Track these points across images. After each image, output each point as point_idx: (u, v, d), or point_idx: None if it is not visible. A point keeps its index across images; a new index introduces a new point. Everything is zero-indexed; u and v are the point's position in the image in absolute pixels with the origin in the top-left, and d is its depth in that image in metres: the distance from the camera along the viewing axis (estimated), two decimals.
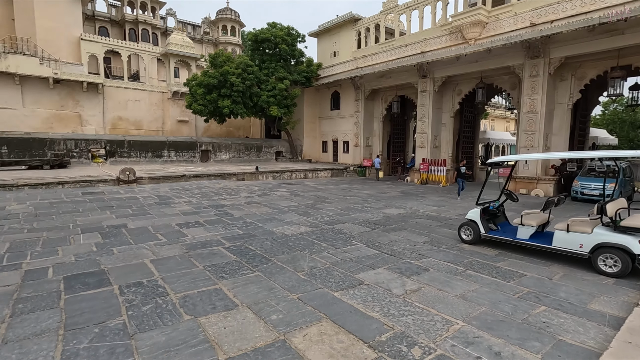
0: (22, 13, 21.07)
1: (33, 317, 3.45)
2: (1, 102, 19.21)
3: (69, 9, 22.31)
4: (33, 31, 20.86)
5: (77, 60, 22.33)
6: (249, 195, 11.77)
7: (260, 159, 23.91)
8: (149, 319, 3.42)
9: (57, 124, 20.77)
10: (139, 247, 5.82)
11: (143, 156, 19.43)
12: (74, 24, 22.68)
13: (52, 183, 12.02)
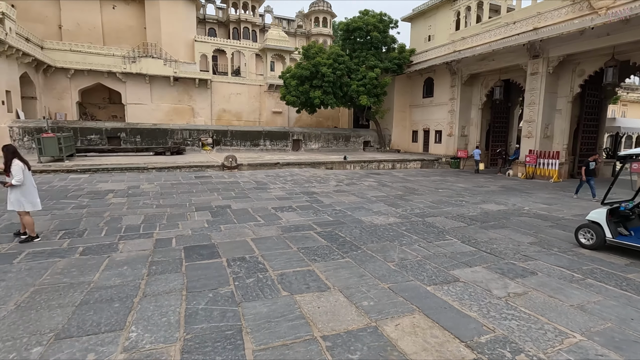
0: (152, 22, 24.74)
1: (163, 278, 4.12)
2: (136, 98, 23.03)
3: (186, 15, 25.42)
4: (159, 37, 24.36)
5: (191, 59, 25.41)
6: (338, 183, 12.02)
7: (348, 149, 24.15)
8: (252, 291, 3.79)
9: (175, 116, 24.08)
10: (241, 226, 6.45)
11: (242, 145, 21.33)
12: (190, 28, 25.78)
13: (172, 167, 14.04)
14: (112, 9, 24.93)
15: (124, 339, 2.90)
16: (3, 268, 4.34)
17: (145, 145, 18.69)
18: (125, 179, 11.80)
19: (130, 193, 9.36)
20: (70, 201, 8.26)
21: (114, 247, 5.18)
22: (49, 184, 10.49)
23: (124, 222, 6.54)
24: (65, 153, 14.11)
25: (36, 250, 4.97)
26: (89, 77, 22.02)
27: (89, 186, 10.26)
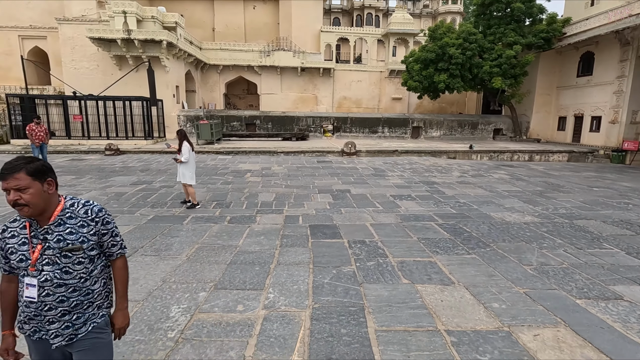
0: (284, 18, 26.91)
1: (293, 251, 4.58)
2: (268, 88, 25.65)
3: (314, 8, 26.75)
4: (290, 31, 26.36)
5: (316, 50, 26.78)
6: (462, 174, 11.14)
7: (475, 137, 22.00)
8: (372, 274, 3.89)
9: (301, 104, 25.93)
10: (360, 210, 6.63)
11: (361, 132, 21.64)
12: (316, 19, 27.07)
13: (297, 152, 15.26)
14: (252, 9, 28.06)
15: (264, 298, 3.36)
16: (177, 227, 5.50)
17: (275, 131, 20.75)
18: (259, 161, 13.38)
19: (263, 173, 10.59)
20: (219, 177, 9.84)
21: (252, 219, 5.98)
22: (203, 162, 12.68)
23: (259, 198, 7.47)
24: (215, 137, 16.80)
25: (198, 216, 6.13)
26: (233, 71, 25.48)
27: (232, 166, 12.02)
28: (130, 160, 13.10)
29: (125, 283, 1.74)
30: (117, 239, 1.69)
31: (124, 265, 1.73)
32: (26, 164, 1.45)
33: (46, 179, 1.48)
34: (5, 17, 20.68)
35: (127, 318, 1.74)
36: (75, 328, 1.56)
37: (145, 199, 7.26)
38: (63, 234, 1.52)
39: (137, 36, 17.28)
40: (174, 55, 19.52)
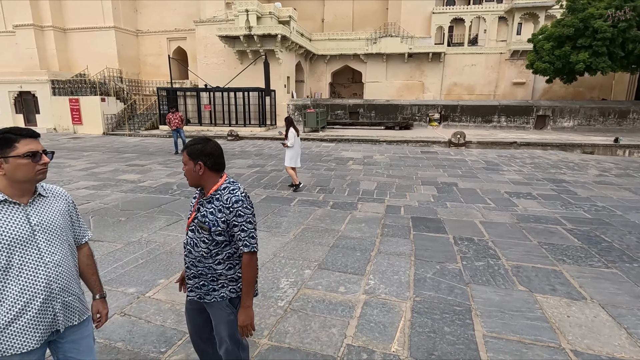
0: (393, 3, 26.05)
1: (394, 241, 4.53)
2: (373, 77, 25.40)
3: None
4: (399, 15, 25.45)
5: (426, 33, 25.29)
6: (601, 173, 9.31)
7: (623, 128, 18.05)
8: (481, 275, 3.60)
9: (405, 92, 25.01)
10: (468, 206, 6.14)
11: (472, 121, 19.83)
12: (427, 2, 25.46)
13: (400, 141, 14.85)
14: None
15: (364, 284, 3.43)
16: (286, 208, 5.97)
17: (378, 120, 20.55)
18: (361, 149, 13.47)
19: (365, 162, 10.65)
20: (322, 164, 10.27)
21: (354, 206, 6.10)
22: (309, 149, 13.37)
23: (361, 186, 7.56)
24: (319, 125, 17.51)
25: (303, 199, 6.53)
26: (339, 61, 25.97)
27: (335, 153, 12.38)
28: (247, 145, 14.63)
29: (248, 281, 1.70)
30: (243, 235, 1.66)
31: (247, 263, 1.69)
32: (191, 145, 1.71)
33: (197, 162, 1.69)
34: (158, 24, 24.96)
35: (249, 317, 1.71)
36: (202, 292, 1.78)
37: (259, 181, 8.06)
38: (207, 211, 1.71)
39: (256, 32, 18.95)
40: (287, 47, 20.82)
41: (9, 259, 1.33)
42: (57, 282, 1.43)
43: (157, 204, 6.13)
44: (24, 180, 1.38)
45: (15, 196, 1.38)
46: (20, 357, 1.38)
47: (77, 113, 19.39)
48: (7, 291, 1.34)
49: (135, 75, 24.70)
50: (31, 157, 1.36)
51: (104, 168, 9.47)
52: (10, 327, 1.35)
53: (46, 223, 1.44)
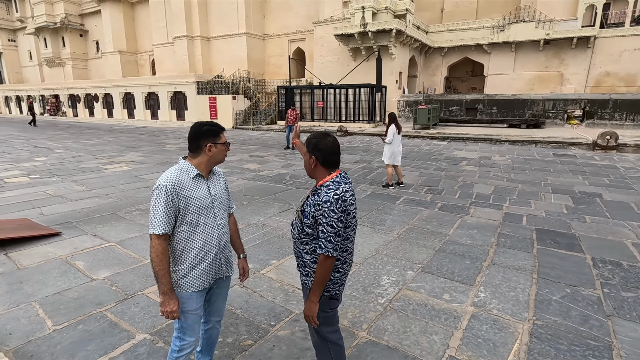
0: None
1: (511, 253, 4.04)
2: (497, 69, 22.79)
3: None
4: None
5: (571, 15, 21.40)
6: None
7: None
8: (630, 309, 2.93)
9: (537, 85, 21.72)
10: (616, 223, 5.05)
11: (630, 119, 16.07)
12: None
13: (526, 141, 13.04)
14: None
15: (473, 295, 3.16)
16: (390, 205, 5.90)
17: (500, 117, 18.42)
18: (478, 149, 12.31)
19: (481, 163, 9.70)
20: (432, 163, 9.75)
21: (465, 210, 5.64)
22: (418, 147, 12.85)
23: (474, 190, 6.93)
24: (431, 122, 16.64)
25: (409, 198, 6.34)
26: (457, 53, 24.08)
27: (447, 152, 11.61)
28: (355, 140, 14.88)
29: (318, 280, 1.70)
30: (322, 236, 1.66)
31: (320, 264, 1.68)
32: (311, 138, 1.79)
33: (311, 155, 1.76)
34: (281, 27, 27.20)
35: (310, 311, 1.73)
36: (302, 273, 1.86)
37: (365, 177, 8.13)
38: (309, 202, 1.76)
39: (370, 28, 18.98)
40: (401, 42, 20.29)
41: (197, 218, 1.76)
42: (223, 240, 1.89)
43: (272, 192, 6.77)
44: (218, 162, 1.85)
45: (203, 173, 1.81)
46: (196, 294, 1.81)
47: (214, 109, 22.67)
48: (194, 243, 1.77)
49: (260, 75, 27.49)
50: (226, 145, 1.87)
51: (232, 157, 10.87)
52: (193, 270, 1.78)
53: (218, 194, 1.88)
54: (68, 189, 6.97)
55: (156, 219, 1.66)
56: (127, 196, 6.45)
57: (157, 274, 1.67)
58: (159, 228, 1.66)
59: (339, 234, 1.67)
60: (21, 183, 7.45)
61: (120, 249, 4.16)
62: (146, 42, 35.50)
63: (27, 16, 43.76)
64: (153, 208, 1.68)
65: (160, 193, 1.66)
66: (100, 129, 21.72)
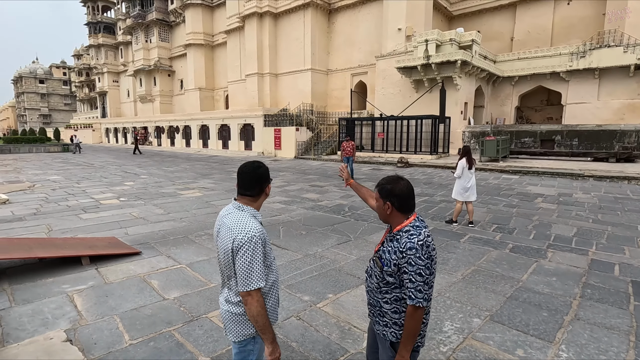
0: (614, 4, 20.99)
1: (601, 308, 3.52)
2: (577, 97, 20.91)
3: None
4: (622, 19, 20.28)
5: None
6: None
7: None
8: None
9: (628, 114, 19.40)
10: None
11: None
12: None
13: (617, 177, 11.56)
14: (566, 5, 23.76)
15: (553, 354, 2.79)
16: (454, 243, 5.56)
17: (582, 149, 16.68)
18: (556, 184, 11.20)
19: (560, 200, 8.78)
20: (502, 199, 9.07)
21: (541, 253, 5.10)
22: (485, 180, 12.09)
23: (553, 230, 6.26)
24: (500, 154, 15.63)
25: (475, 237, 5.93)
26: (530, 82, 22.69)
27: (519, 187, 10.74)
28: (417, 172, 14.51)
29: (409, 333, 1.63)
30: (410, 286, 1.59)
31: (410, 315, 1.61)
32: (383, 184, 1.77)
33: (386, 201, 1.73)
34: (344, 62, 28.29)
35: None
36: (374, 319, 1.80)
37: (427, 210, 7.83)
38: (386, 248, 1.71)
39: (434, 60, 18.87)
40: (467, 72, 19.80)
41: (271, 259, 1.77)
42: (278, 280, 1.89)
43: (330, 223, 6.82)
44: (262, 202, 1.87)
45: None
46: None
47: (278, 140, 23.93)
48: (269, 278, 1.77)
49: (323, 107, 28.58)
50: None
51: (293, 187, 11.26)
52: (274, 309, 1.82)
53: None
54: (149, 211, 7.77)
55: (256, 273, 1.61)
56: (198, 221, 6.99)
57: (262, 326, 1.65)
58: (261, 281, 1.62)
59: (427, 282, 1.59)
60: (113, 205, 8.49)
61: (190, 271, 4.47)
62: (222, 79, 39.31)
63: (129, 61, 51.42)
64: (250, 262, 1.60)
65: (256, 245, 1.62)
66: (179, 157, 24.12)
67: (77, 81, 68.53)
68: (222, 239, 1.67)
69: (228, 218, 1.71)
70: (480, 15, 27.02)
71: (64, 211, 7.78)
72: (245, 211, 1.72)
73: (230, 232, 1.64)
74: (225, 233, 1.66)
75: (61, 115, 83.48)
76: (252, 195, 1.76)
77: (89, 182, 12.37)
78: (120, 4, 51.63)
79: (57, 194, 9.95)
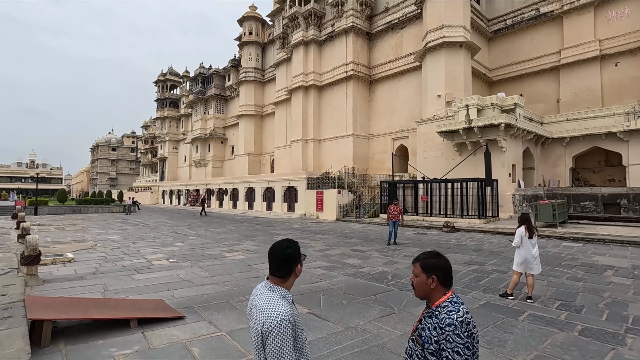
0: None
1: None
2: None
3: None
4: None
5: None
6: None
7: None
8: None
9: None
10: None
11: None
12: None
13: None
14: (614, 66, 23.33)
15: None
16: (512, 322, 5.04)
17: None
18: (628, 254, 10.01)
19: (636, 274, 7.77)
20: (564, 270, 8.23)
21: (619, 339, 4.44)
22: (543, 248, 11.12)
23: (630, 310, 5.48)
24: (558, 219, 14.50)
25: (536, 314, 5.34)
26: (583, 142, 21.65)
27: (583, 257, 9.72)
28: (464, 238, 13.77)
29: None
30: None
31: None
32: (425, 258, 1.77)
33: (430, 275, 1.72)
34: (385, 127, 29.22)
35: None
36: None
37: (477, 281, 7.28)
38: (426, 325, 1.70)
39: (476, 124, 18.90)
40: (512, 135, 19.47)
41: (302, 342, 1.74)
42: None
43: (373, 292, 6.54)
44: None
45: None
46: None
47: (320, 203, 24.30)
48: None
49: (364, 170, 29.05)
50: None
51: (334, 251, 11.13)
52: None
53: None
54: (195, 274, 8.02)
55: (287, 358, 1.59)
56: (240, 285, 7.05)
57: None
58: None
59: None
60: (163, 266, 8.90)
61: (229, 339, 4.43)
62: (269, 145, 42.01)
63: (188, 130, 57.14)
64: (280, 348, 1.59)
65: (286, 330, 1.61)
66: (225, 218, 25.16)
67: (143, 148, 76.86)
68: (254, 320, 1.70)
69: (259, 298, 1.74)
70: (521, 80, 27.24)
71: (119, 271, 8.27)
72: (275, 292, 1.74)
73: (261, 314, 1.66)
74: (257, 315, 1.68)
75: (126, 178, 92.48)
76: (281, 277, 1.78)
77: (143, 242, 13.18)
78: (185, 83, 59.14)
79: (114, 253, 10.68)
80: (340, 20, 30.25)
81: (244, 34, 43.19)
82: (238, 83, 44.71)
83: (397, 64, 28.43)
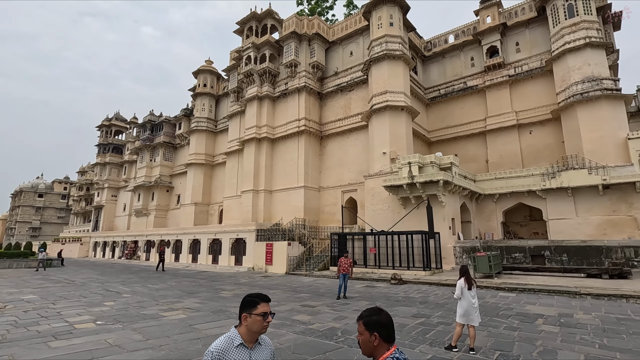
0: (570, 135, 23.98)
1: None
2: (557, 213, 21.98)
3: (612, 115, 22.52)
4: (580, 147, 22.92)
5: (625, 161, 21.34)
6: None
7: None
8: None
9: (610, 229, 20.13)
10: None
11: None
12: (619, 127, 22.37)
13: (614, 295, 11.34)
14: (528, 134, 27.13)
15: None
16: None
17: (573, 265, 16.71)
18: (554, 303, 10.87)
19: (562, 322, 8.42)
20: (501, 320, 8.67)
21: None
22: (482, 299, 11.69)
23: (559, 357, 5.87)
24: (494, 270, 15.50)
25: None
26: (510, 199, 24.11)
27: (517, 306, 10.37)
28: (411, 290, 14.06)
29: None
30: None
31: None
32: (367, 316, 1.84)
33: (373, 333, 1.79)
34: (335, 180, 30.20)
35: None
36: None
37: (424, 334, 7.38)
38: None
39: (418, 180, 20.35)
40: (450, 190, 21.14)
41: None
42: None
43: (322, 351, 6.32)
44: (255, 332, 2.02)
45: (247, 342, 2.01)
46: None
47: (270, 255, 23.63)
48: None
49: (315, 222, 29.18)
50: (262, 316, 2.02)
51: (283, 307, 10.70)
52: None
53: None
54: (127, 337, 7.18)
55: None
56: (179, 348, 6.43)
57: None
58: None
59: None
60: (88, 329, 7.87)
61: None
62: (218, 195, 40.91)
63: (131, 177, 54.01)
64: None
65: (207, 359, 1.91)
66: (166, 273, 23.23)
67: (76, 195, 70.45)
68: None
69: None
70: (455, 141, 30.36)
71: (32, 337, 7.16)
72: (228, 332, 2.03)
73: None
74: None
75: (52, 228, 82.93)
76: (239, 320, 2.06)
77: (66, 302, 11.64)
78: (132, 129, 57.09)
79: (28, 316, 9.27)
80: (293, 80, 32.14)
81: (199, 85, 43.77)
82: (189, 132, 44.21)
83: (346, 122, 30.34)
